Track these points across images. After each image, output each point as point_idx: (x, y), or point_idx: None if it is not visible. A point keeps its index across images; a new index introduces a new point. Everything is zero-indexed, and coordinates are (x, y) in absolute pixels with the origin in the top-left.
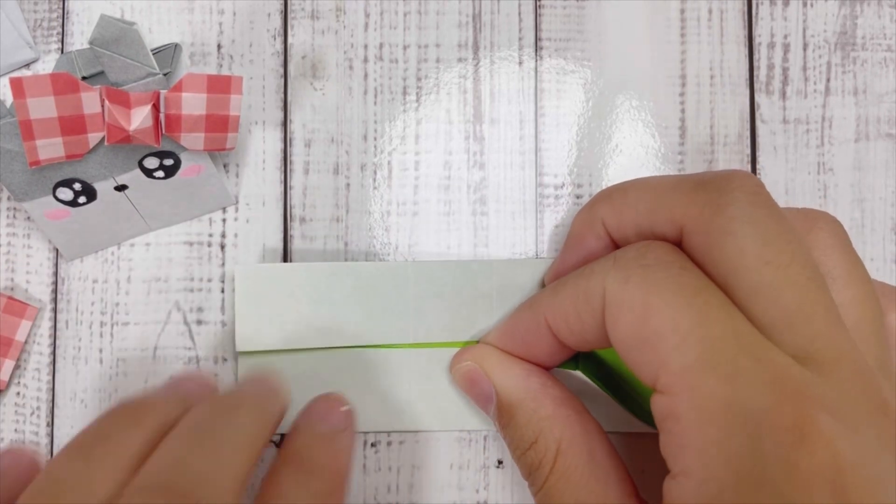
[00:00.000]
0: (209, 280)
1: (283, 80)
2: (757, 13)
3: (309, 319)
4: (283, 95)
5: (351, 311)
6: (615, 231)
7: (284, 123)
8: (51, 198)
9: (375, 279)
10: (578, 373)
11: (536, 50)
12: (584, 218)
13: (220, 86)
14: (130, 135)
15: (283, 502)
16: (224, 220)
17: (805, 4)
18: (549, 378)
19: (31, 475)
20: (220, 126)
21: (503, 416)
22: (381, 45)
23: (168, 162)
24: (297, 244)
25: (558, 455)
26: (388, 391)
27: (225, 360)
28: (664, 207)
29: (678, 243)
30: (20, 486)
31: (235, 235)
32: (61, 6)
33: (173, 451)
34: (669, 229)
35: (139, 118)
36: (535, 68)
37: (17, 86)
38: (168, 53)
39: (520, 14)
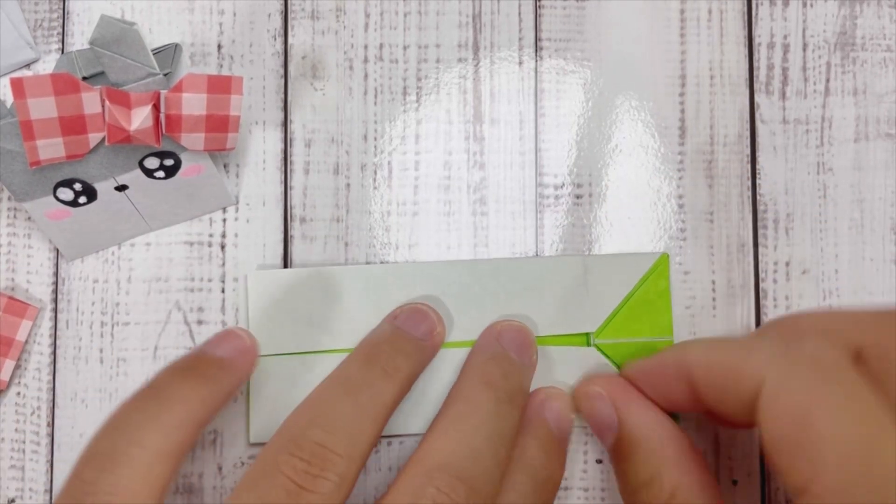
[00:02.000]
0: (209, 280)
1: (283, 81)
2: (757, 13)
3: (321, 322)
4: (283, 95)
5: (362, 313)
6: (700, 378)
7: (285, 123)
8: (51, 198)
9: (385, 281)
10: None
11: (536, 50)
12: (672, 357)
13: (221, 86)
14: (131, 135)
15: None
16: (224, 220)
17: (805, 5)
18: (676, 426)
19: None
20: (220, 126)
21: (623, 448)
22: (381, 46)
23: (168, 162)
24: (297, 244)
25: (671, 500)
26: None
27: None
28: (745, 360)
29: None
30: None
31: (236, 235)
32: (62, 6)
33: (469, 442)
34: (748, 385)
35: (139, 118)
36: (535, 68)
37: (18, 86)
38: (168, 54)
39: (520, 14)
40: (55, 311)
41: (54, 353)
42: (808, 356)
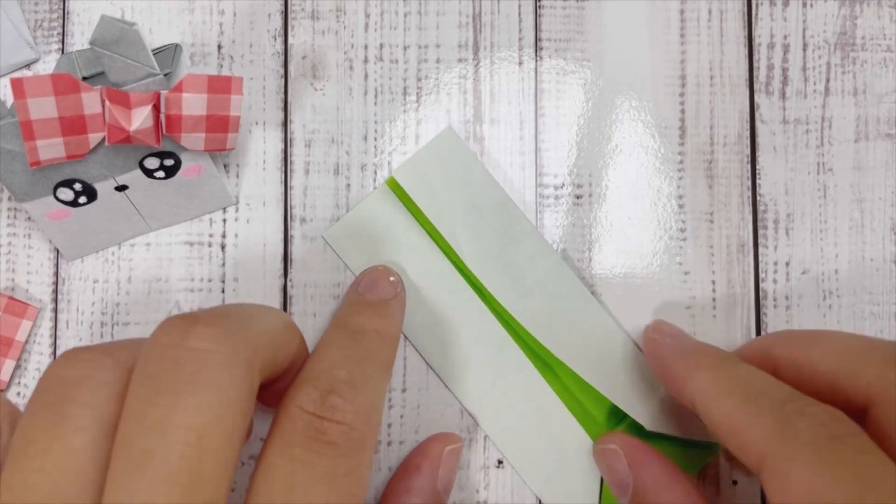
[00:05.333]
0: (209, 280)
1: (283, 81)
2: (757, 13)
3: (410, 237)
4: (283, 96)
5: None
6: (788, 377)
7: (285, 124)
8: (51, 198)
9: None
10: None
11: (536, 50)
12: (755, 352)
13: (221, 86)
14: (131, 135)
15: (333, 357)
16: (224, 221)
17: (805, 5)
18: (691, 487)
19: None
20: (220, 126)
21: (635, 501)
22: (381, 46)
23: (168, 162)
24: (296, 244)
25: None
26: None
27: None
28: (852, 374)
29: (861, 411)
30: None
31: (236, 235)
32: (62, 6)
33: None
34: (854, 396)
35: (140, 118)
36: (535, 68)
37: (18, 86)
38: (168, 54)
39: (520, 14)
40: (55, 311)
41: (54, 353)
42: (810, 434)
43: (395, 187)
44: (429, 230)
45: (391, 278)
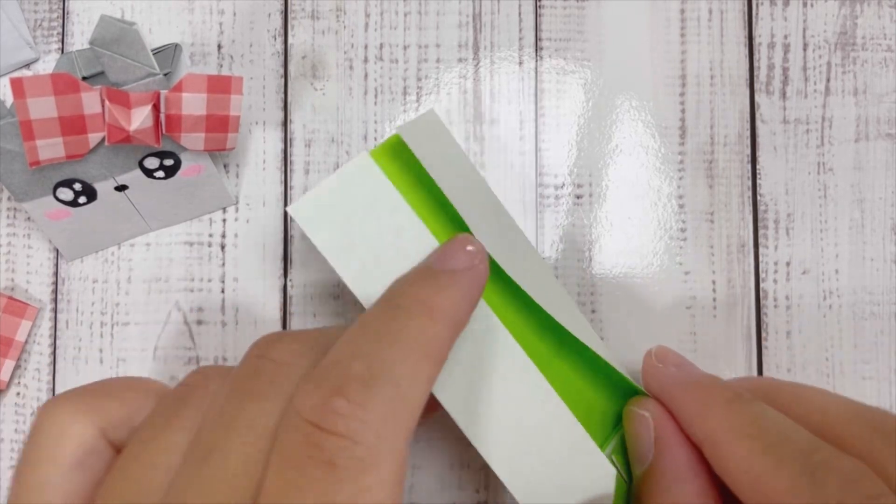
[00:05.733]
0: (209, 280)
1: (283, 81)
2: (757, 13)
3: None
4: (283, 95)
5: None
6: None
7: (285, 123)
8: (51, 198)
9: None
10: None
11: (536, 50)
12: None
13: (221, 86)
14: (131, 135)
15: (355, 342)
16: (224, 221)
17: (805, 4)
18: (711, 478)
19: None
20: (220, 126)
21: (648, 481)
22: (381, 46)
23: (168, 162)
24: (296, 244)
25: None
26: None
27: (225, 359)
28: (836, 439)
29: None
30: None
31: (235, 235)
32: (61, 6)
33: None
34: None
35: (139, 118)
36: (535, 68)
37: (18, 86)
38: (168, 53)
39: (520, 14)
40: (55, 311)
41: (54, 353)
42: (840, 493)
43: (383, 157)
44: (420, 206)
45: (469, 247)
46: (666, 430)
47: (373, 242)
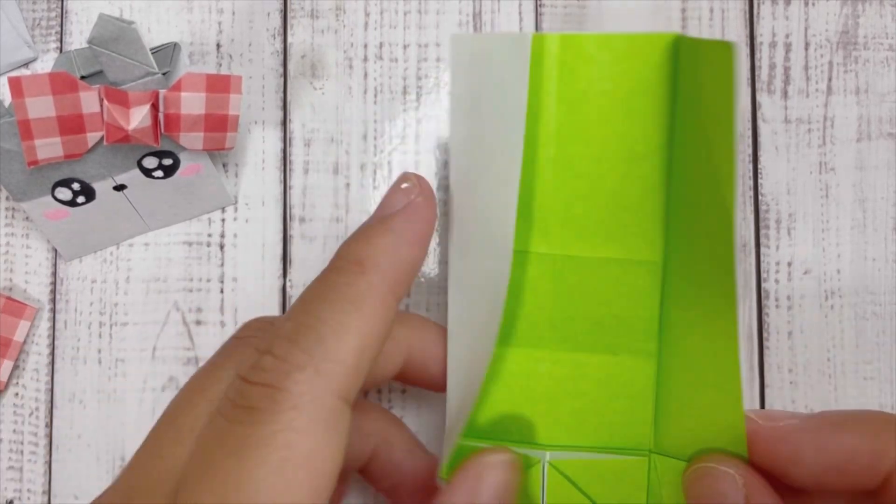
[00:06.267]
0: (208, 280)
1: (282, 80)
2: (758, 12)
3: None
4: (282, 95)
5: None
6: (808, 461)
7: (284, 123)
8: (49, 198)
9: None
10: None
11: None
12: (770, 436)
13: (220, 85)
14: (129, 134)
15: (293, 307)
16: (223, 220)
17: (807, 4)
18: None
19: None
20: (219, 125)
21: None
22: (380, 45)
23: (167, 161)
24: (296, 244)
25: None
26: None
27: None
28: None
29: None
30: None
31: (235, 235)
32: (60, 5)
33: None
34: (870, 472)
35: (138, 118)
36: None
37: (16, 85)
38: (167, 53)
39: (520, 14)
40: (53, 311)
41: (52, 353)
42: None
43: (539, 47)
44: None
45: (404, 184)
46: (756, 491)
47: (484, 111)
